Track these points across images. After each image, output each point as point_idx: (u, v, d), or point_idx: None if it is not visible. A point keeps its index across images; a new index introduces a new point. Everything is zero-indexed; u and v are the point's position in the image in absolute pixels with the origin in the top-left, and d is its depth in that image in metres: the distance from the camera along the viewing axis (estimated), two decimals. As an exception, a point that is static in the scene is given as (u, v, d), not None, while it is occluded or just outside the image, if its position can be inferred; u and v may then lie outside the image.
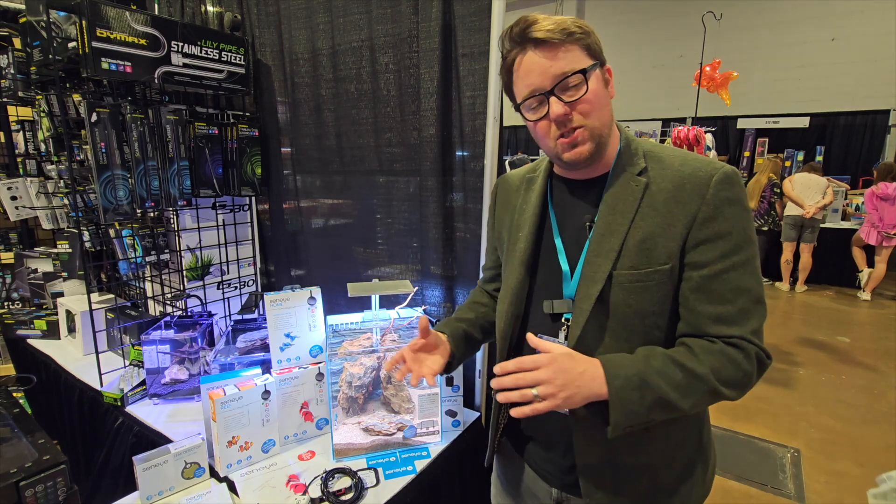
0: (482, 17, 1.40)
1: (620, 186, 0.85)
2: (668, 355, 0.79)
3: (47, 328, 2.18)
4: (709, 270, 0.78)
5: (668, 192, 0.81)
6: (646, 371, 0.77)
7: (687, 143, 4.21)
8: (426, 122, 1.54)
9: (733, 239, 0.78)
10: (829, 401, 3.33)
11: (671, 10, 8.03)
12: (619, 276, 0.82)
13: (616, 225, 0.83)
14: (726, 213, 0.78)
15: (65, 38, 1.50)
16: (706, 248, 0.79)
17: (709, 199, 0.78)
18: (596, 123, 0.82)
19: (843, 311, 5.28)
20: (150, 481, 1.15)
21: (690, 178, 0.80)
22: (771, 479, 2.50)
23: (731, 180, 0.79)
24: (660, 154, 0.86)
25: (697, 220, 0.79)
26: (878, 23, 6.86)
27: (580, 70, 0.79)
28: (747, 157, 7.96)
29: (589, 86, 0.79)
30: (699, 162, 0.82)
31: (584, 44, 0.80)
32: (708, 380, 0.76)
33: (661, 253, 0.80)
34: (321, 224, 2.03)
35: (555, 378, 0.75)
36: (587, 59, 0.80)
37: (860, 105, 7.17)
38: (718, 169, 0.80)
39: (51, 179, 2.23)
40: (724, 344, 0.78)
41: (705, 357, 0.77)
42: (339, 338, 1.38)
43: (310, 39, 1.80)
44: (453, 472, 1.43)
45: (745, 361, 0.77)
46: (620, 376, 0.76)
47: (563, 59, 0.79)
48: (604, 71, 0.83)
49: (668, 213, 0.80)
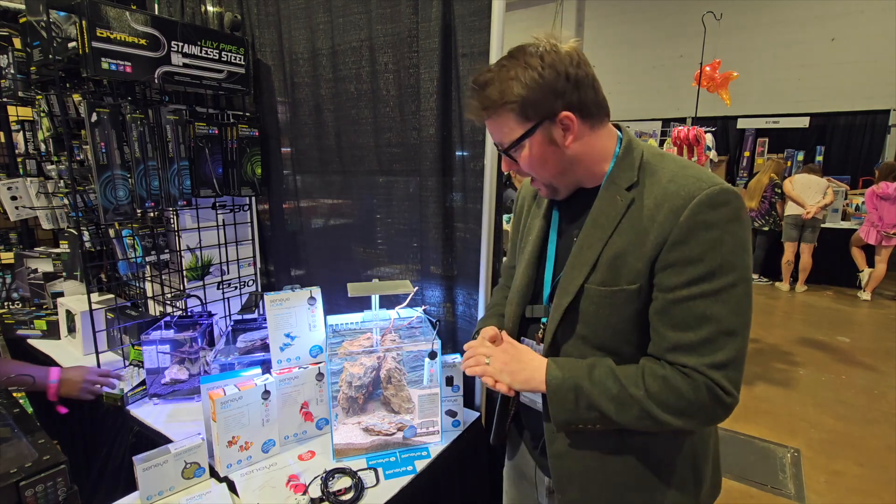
0: (482, 17, 1.40)
1: (606, 200, 0.84)
2: (611, 368, 0.81)
3: (47, 328, 2.18)
4: (673, 295, 0.76)
5: (650, 209, 0.79)
6: (583, 377, 0.81)
7: (687, 143, 4.21)
8: (426, 122, 1.54)
9: (704, 266, 0.74)
10: (829, 401, 3.33)
11: (671, 10, 8.03)
12: (589, 290, 0.83)
13: (594, 239, 0.84)
14: (700, 237, 0.74)
15: (65, 38, 1.50)
16: (673, 272, 0.76)
17: (682, 223, 0.75)
18: (544, 175, 0.87)
19: (843, 311, 5.28)
20: (150, 481, 1.15)
21: (671, 198, 0.77)
22: (771, 479, 2.50)
23: (715, 202, 0.74)
24: (656, 167, 0.83)
25: (668, 243, 0.76)
26: (878, 23, 6.86)
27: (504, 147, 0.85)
28: (747, 157, 7.96)
29: (519, 156, 0.85)
30: (688, 179, 0.77)
31: (518, 109, 0.80)
32: (641, 401, 0.77)
33: (630, 272, 0.80)
34: (321, 224, 2.03)
35: (503, 353, 0.91)
36: (519, 127, 0.81)
37: (860, 105, 7.17)
38: (703, 190, 0.75)
39: (51, 179, 2.23)
40: (673, 371, 0.77)
41: (647, 380, 0.78)
42: (339, 338, 1.38)
43: (309, 39, 1.80)
44: (453, 472, 1.43)
45: (691, 391, 0.75)
46: (558, 377, 0.83)
47: (498, 128, 0.85)
48: (553, 123, 0.80)
49: (642, 232, 0.79)
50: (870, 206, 5.44)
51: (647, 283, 0.80)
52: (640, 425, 0.80)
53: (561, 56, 0.78)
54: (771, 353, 4.13)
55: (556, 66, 0.78)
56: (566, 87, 0.78)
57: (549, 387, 0.83)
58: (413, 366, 1.35)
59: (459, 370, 1.46)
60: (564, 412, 0.82)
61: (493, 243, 1.49)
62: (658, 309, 0.79)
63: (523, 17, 8.75)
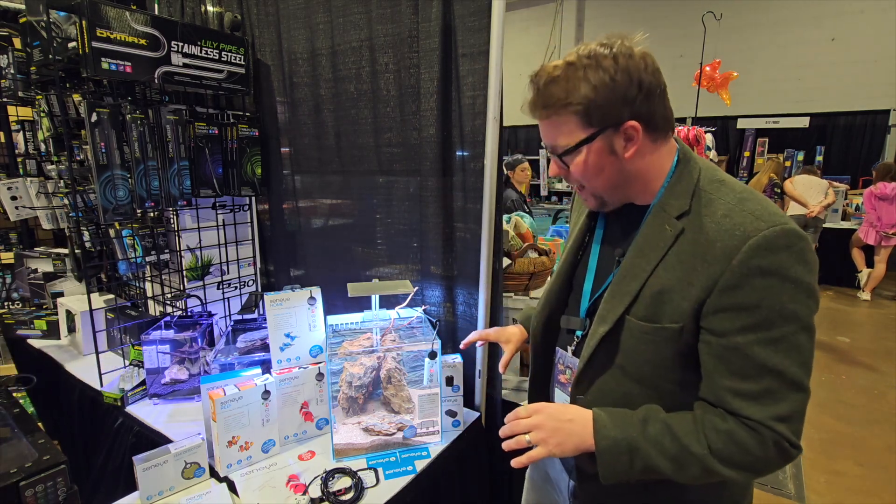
0: (482, 17, 1.40)
1: (654, 227, 0.79)
2: (667, 424, 0.75)
3: (47, 328, 2.18)
4: (727, 341, 0.71)
5: (700, 244, 0.73)
6: (638, 438, 0.74)
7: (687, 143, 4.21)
8: (426, 122, 1.54)
9: (762, 313, 0.68)
10: (829, 401, 3.33)
11: (671, 11, 8.03)
12: (630, 323, 0.79)
13: (638, 269, 0.79)
14: (755, 283, 0.68)
15: (65, 38, 1.50)
16: (725, 318, 0.71)
17: (735, 266, 0.69)
18: (595, 185, 0.81)
19: (842, 311, 5.28)
20: (150, 481, 1.15)
21: (724, 237, 0.71)
22: (771, 479, 2.49)
23: (773, 246, 0.68)
24: (713, 196, 0.76)
25: (718, 286, 0.71)
26: (878, 23, 6.85)
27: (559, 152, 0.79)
28: (747, 157, 7.96)
29: (570, 163, 0.79)
30: (745, 216, 0.71)
31: (582, 113, 0.74)
32: (704, 459, 0.72)
33: (675, 311, 0.75)
34: (321, 224, 2.03)
35: (544, 424, 0.79)
36: (580, 132, 0.75)
37: (860, 105, 7.16)
38: (761, 231, 0.69)
39: (51, 179, 2.23)
40: (736, 424, 0.71)
41: (708, 435, 0.72)
42: (339, 338, 1.38)
43: (309, 39, 1.80)
44: (453, 472, 1.43)
45: (758, 447, 0.70)
46: (609, 437, 0.76)
47: (556, 128, 0.78)
48: (616, 132, 0.75)
49: (691, 270, 0.73)
50: (868, 207, 5.44)
51: (691, 324, 0.75)
52: (696, 482, 0.75)
53: (636, 61, 0.73)
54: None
55: (630, 71, 0.72)
56: (637, 95, 0.73)
57: (599, 447, 0.76)
58: (413, 366, 1.35)
59: (459, 370, 1.47)
60: (616, 474, 0.75)
61: (493, 243, 1.49)
62: (714, 354, 0.73)
63: (523, 17, 8.74)
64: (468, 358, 1.57)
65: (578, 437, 0.77)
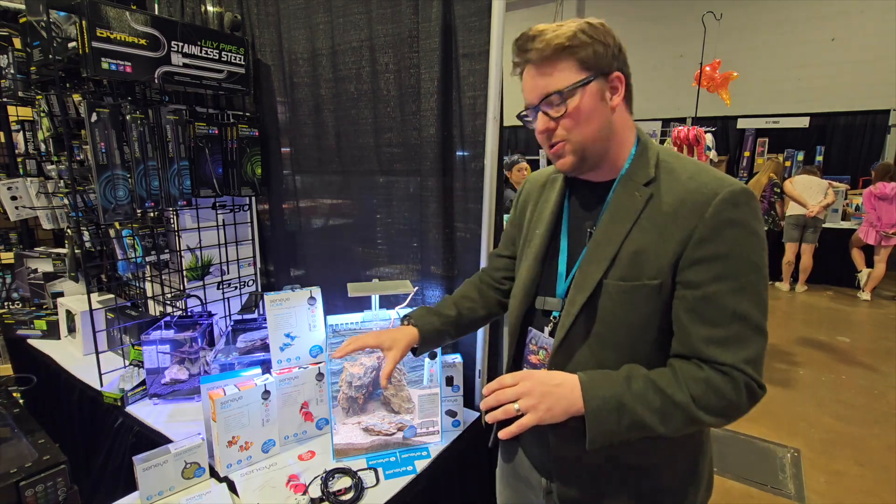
0: (482, 17, 1.40)
1: (624, 195, 0.84)
2: (650, 379, 0.78)
3: (47, 328, 2.18)
4: (702, 291, 0.76)
5: (670, 206, 0.79)
6: (624, 394, 0.77)
7: (687, 143, 4.21)
8: (426, 122, 1.54)
9: (732, 262, 0.75)
10: (829, 401, 3.33)
11: (671, 10, 8.03)
12: (608, 286, 0.82)
13: (613, 234, 0.83)
14: (725, 234, 0.75)
15: (65, 38, 1.50)
16: (700, 269, 0.76)
17: (707, 219, 0.76)
18: (578, 138, 0.83)
19: (843, 311, 5.28)
20: (150, 481, 1.15)
21: (693, 195, 0.78)
22: (771, 479, 2.50)
23: (737, 201, 0.76)
24: (673, 165, 0.84)
25: (693, 240, 0.76)
26: (878, 23, 6.86)
27: (557, 91, 0.80)
28: (747, 157, 7.96)
29: (569, 104, 0.81)
30: (708, 178, 0.79)
31: (579, 56, 0.80)
32: (687, 407, 0.76)
33: (652, 268, 0.79)
34: (321, 224, 2.03)
35: (533, 389, 0.78)
36: (577, 74, 0.80)
37: (860, 105, 7.16)
38: (725, 188, 0.76)
39: (51, 179, 2.23)
40: (712, 371, 0.76)
41: (689, 384, 0.76)
42: (339, 338, 1.38)
43: (309, 39, 1.80)
44: (453, 472, 1.43)
45: (732, 392, 0.75)
46: (598, 396, 0.78)
47: (550, 75, 0.81)
48: (605, 81, 0.82)
49: (664, 228, 0.79)
50: (868, 207, 5.44)
51: (668, 280, 0.79)
52: (678, 432, 0.78)
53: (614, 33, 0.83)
54: (771, 353, 4.13)
55: (613, 35, 0.82)
56: (619, 54, 0.82)
57: (588, 407, 0.78)
58: (413, 366, 1.36)
59: (459, 370, 1.47)
60: (604, 433, 0.77)
61: (493, 243, 1.49)
62: (687, 307, 0.78)
63: (523, 17, 8.75)
64: (468, 358, 1.57)
65: (567, 401, 0.78)
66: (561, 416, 0.78)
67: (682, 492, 0.91)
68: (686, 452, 0.91)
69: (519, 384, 0.79)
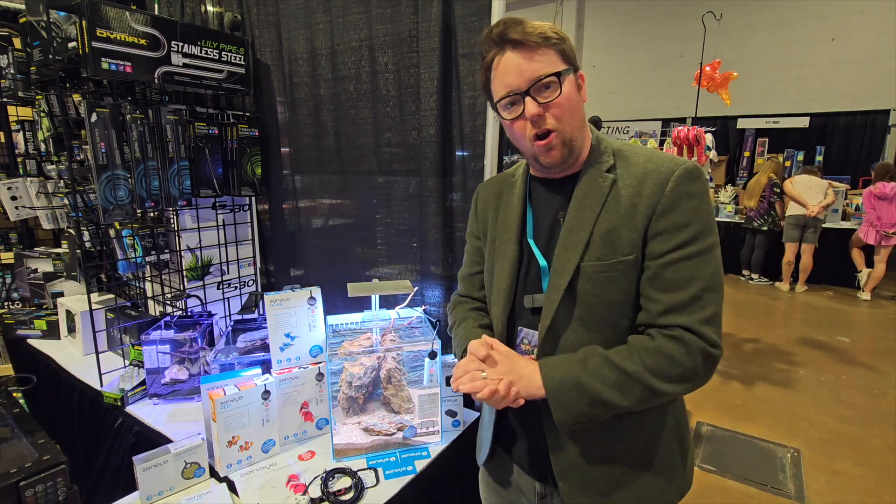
0: (482, 17, 1.40)
1: (589, 183, 0.88)
2: (604, 356, 0.83)
3: (47, 328, 2.18)
4: (663, 260, 0.81)
5: (633, 186, 0.85)
6: (580, 372, 0.82)
7: (687, 143, 4.21)
8: (426, 122, 1.54)
9: (690, 230, 0.80)
10: (829, 401, 3.33)
11: (671, 10, 8.03)
12: (586, 268, 0.85)
13: (584, 219, 0.86)
14: (684, 205, 0.81)
15: (65, 38, 1.50)
16: (662, 239, 0.82)
17: (668, 192, 0.81)
18: (566, 127, 0.85)
19: (842, 311, 5.28)
20: (150, 481, 1.15)
21: (653, 173, 0.84)
22: (771, 479, 2.50)
23: (692, 175, 0.82)
24: (627, 152, 0.90)
25: (657, 212, 0.82)
26: (878, 23, 6.86)
27: (554, 73, 0.82)
28: (747, 157, 7.96)
29: (563, 89, 0.83)
30: (663, 159, 0.86)
31: (559, 49, 0.84)
32: (642, 377, 0.79)
33: (625, 244, 0.83)
34: (321, 224, 2.03)
35: (498, 362, 0.86)
36: (561, 64, 0.84)
37: (860, 105, 7.17)
38: (680, 165, 0.83)
39: (51, 179, 2.23)
40: (662, 338, 0.80)
41: (641, 355, 0.80)
42: (339, 338, 1.38)
43: (309, 39, 1.80)
44: (453, 472, 1.43)
45: (686, 357, 0.79)
46: (556, 378, 0.83)
47: (538, 61, 0.83)
48: (577, 76, 0.87)
49: (631, 206, 0.84)
50: (868, 207, 5.44)
51: (640, 254, 0.84)
52: (642, 404, 0.82)
53: None
54: (771, 353, 4.13)
55: None
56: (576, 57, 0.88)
57: (548, 389, 0.83)
58: (413, 366, 1.35)
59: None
60: (567, 412, 0.82)
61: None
62: (649, 276, 0.83)
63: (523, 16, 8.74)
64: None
65: (528, 381, 0.84)
66: (523, 395, 0.84)
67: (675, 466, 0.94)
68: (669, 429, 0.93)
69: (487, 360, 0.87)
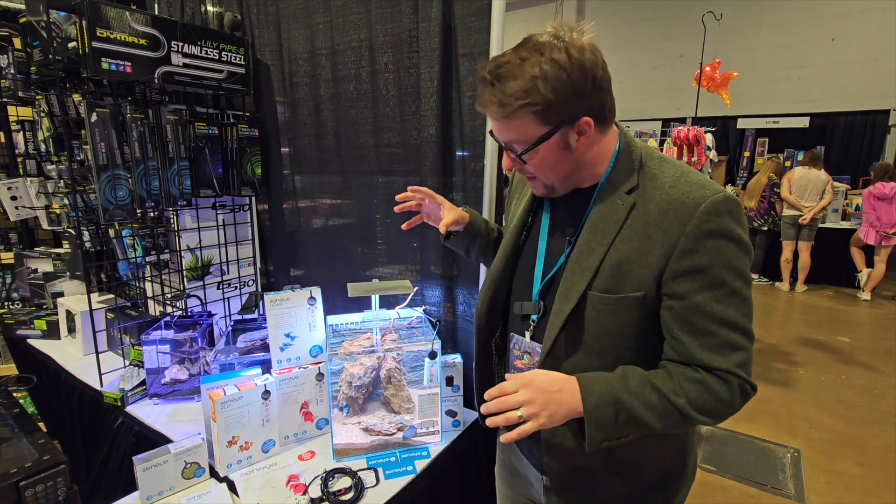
0: (482, 17, 1.40)
1: (606, 204, 0.83)
2: (645, 377, 0.79)
3: (47, 328, 2.18)
4: (689, 302, 0.77)
5: (653, 215, 0.79)
6: (621, 390, 0.78)
7: (687, 143, 4.21)
8: (426, 122, 1.54)
9: (714, 272, 0.75)
10: (829, 401, 3.33)
11: (671, 10, 8.03)
12: (592, 297, 0.82)
13: (595, 244, 0.82)
14: (707, 245, 0.75)
15: (65, 38, 1.50)
16: (684, 281, 0.77)
17: (689, 231, 0.75)
18: (546, 178, 0.84)
19: (842, 311, 5.28)
20: (150, 481, 1.15)
21: (675, 205, 0.77)
22: (771, 479, 2.50)
23: (719, 210, 0.75)
24: (656, 171, 0.82)
25: (676, 252, 0.76)
26: (878, 23, 6.85)
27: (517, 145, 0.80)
28: (747, 157, 7.96)
29: (540, 152, 0.80)
30: (691, 186, 0.78)
31: (537, 111, 0.75)
32: (683, 409, 0.76)
33: (635, 279, 0.79)
34: (321, 224, 2.03)
35: (535, 397, 0.77)
36: (540, 128, 0.77)
37: (860, 105, 7.16)
38: (708, 197, 0.76)
39: (51, 179, 2.23)
40: (707, 375, 0.77)
41: (684, 385, 0.77)
42: (339, 338, 1.38)
43: (309, 39, 1.80)
44: (453, 472, 1.43)
45: (727, 393, 0.76)
46: (595, 393, 0.78)
47: (510, 128, 0.79)
48: (570, 127, 0.78)
49: (647, 239, 0.78)
50: (867, 207, 5.44)
51: (651, 292, 0.79)
52: (673, 430, 0.80)
53: (588, 55, 0.74)
54: (771, 353, 4.13)
55: (585, 68, 0.74)
56: (591, 91, 0.76)
57: (586, 406, 0.77)
58: (413, 366, 1.35)
59: (459, 370, 1.47)
60: (602, 429, 0.77)
61: (493, 243, 1.49)
62: (676, 317, 0.78)
63: (523, 17, 8.74)
64: (468, 358, 1.56)
65: (568, 406, 0.78)
66: (562, 421, 0.78)
67: (669, 486, 0.93)
68: (674, 449, 0.92)
69: (521, 392, 0.77)
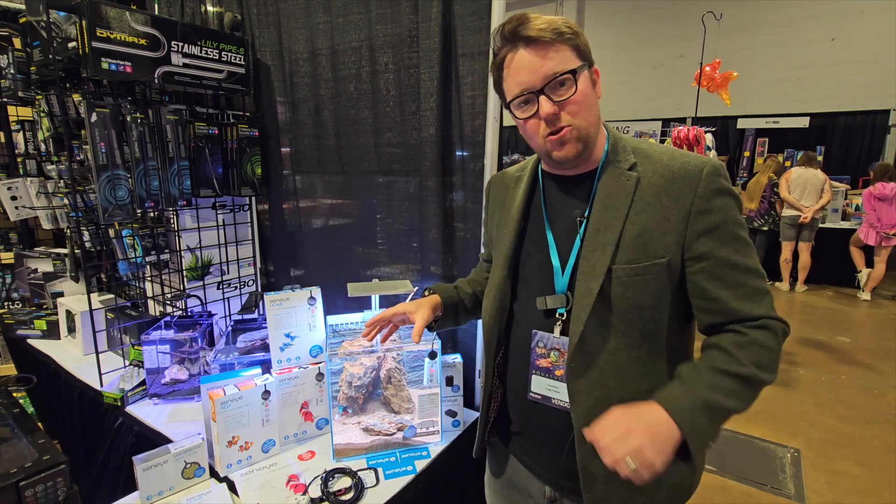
0: (482, 17, 1.40)
1: (612, 182, 0.86)
2: (710, 367, 0.79)
3: (47, 328, 2.18)
4: (715, 259, 0.81)
5: (660, 185, 0.83)
6: (700, 392, 0.77)
7: (687, 143, 4.21)
8: (426, 122, 1.54)
9: (728, 227, 0.81)
10: (829, 401, 3.33)
11: (671, 10, 8.03)
12: (617, 271, 0.82)
13: (610, 220, 0.84)
14: (717, 203, 0.81)
15: (65, 38, 1.50)
16: (706, 240, 0.81)
17: (700, 193, 0.80)
18: (583, 123, 0.83)
19: (842, 311, 5.28)
20: (150, 481, 1.15)
21: (680, 173, 0.82)
22: (771, 479, 2.50)
23: (719, 172, 0.82)
24: (647, 150, 0.88)
25: (692, 214, 0.81)
26: (878, 23, 6.86)
27: (570, 70, 0.80)
28: (747, 157, 7.96)
29: (578, 86, 0.81)
30: (686, 156, 0.85)
31: (573, 44, 0.81)
32: (754, 375, 0.77)
33: (658, 246, 0.82)
34: (321, 224, 2.03)
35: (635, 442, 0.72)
36: (576, 60, 0.81)
37: (860, 105, 7.17)
38: (706, 162, 0.82)
39: (51, 179, 2.23)
40: (752, 330, 0.79)
41: (743, 354, 0.78)
42: (339, 338, 1.38)
43: (309, 39, 1.80)
44: (453, 472, 1.43)
45: (774, 341, 0.79)
46: (685, 408, 0.75)
47: (553, 58, 0.80)
48: (591, 72, 0.85)
49: (661, 208, 0.82)
50: (867, 207, 5.44)
51: (676, 257, 0.82)
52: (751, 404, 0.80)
53: None
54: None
55: None
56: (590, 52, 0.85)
57: (682, 425, 0.74)
58: (413, 366, 1.36)
59: (459, 370, 1.46)
60: (704, 437, 0.76)
61: (493, 243, 1.49)
62: (708, 276, 0.82)
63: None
64: (468, 358, 1.57)
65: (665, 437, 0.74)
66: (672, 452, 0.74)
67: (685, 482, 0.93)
68: None
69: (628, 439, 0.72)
